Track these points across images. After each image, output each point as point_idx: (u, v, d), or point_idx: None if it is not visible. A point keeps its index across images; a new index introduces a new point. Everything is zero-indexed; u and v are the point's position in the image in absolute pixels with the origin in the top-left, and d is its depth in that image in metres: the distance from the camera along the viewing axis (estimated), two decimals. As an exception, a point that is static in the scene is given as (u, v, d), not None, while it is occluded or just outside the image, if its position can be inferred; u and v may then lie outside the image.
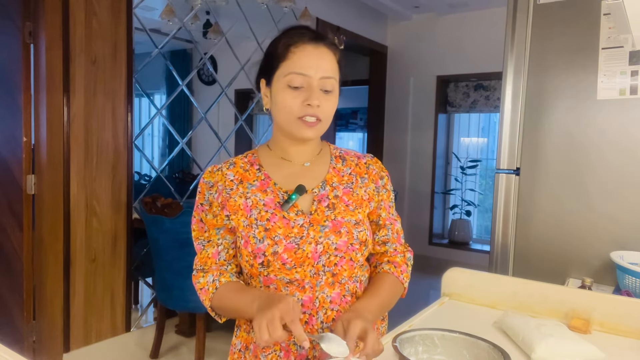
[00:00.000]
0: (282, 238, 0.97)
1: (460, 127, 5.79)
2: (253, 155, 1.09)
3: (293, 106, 0.97)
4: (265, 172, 1.05)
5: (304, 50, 0.98)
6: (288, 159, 1.06)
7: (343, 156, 1.12)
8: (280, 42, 1.00)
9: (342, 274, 1.01)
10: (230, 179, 1.03)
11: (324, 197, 1.03)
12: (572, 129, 1.72)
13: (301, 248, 0.97)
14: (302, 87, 0.97)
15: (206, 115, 3.61)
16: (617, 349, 0.99)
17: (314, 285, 0.98)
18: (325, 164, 1.09)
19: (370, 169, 1.11)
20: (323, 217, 1.00)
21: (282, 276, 0.97)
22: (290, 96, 0.97)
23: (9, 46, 2.49)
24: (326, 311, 0.99)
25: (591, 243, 1.68)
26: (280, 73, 0.98)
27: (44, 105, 2.46)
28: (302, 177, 1.04)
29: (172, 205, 2.71)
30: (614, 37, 1.62)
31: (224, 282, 0.99)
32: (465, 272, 1.27)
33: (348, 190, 1.06)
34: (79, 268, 2.67)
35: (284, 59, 0.98)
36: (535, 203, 1.79)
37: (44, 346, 2.54)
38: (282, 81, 0.98)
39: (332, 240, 0.99)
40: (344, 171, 1.09)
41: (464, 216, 5.51)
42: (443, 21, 5.28)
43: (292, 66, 0.97)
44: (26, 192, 2.49)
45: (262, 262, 0.96)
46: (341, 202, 1.04)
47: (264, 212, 0.99)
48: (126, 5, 2.78)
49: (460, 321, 1.04)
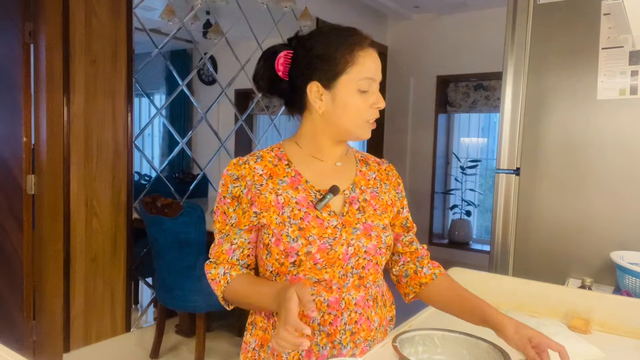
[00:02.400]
0: (316, 238, 0.96)
1: (460, 127, 5.79)
2: (279, 149, 1.07)
3: (364, 110, 0.99)
4: (295, 168, 1.03)
5: (371, 55, 1.00)
6: (320, 158, 1.06)
7: (366, 160, 1.14)
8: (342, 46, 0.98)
9: (368, 277, 1.02)
10: (259, 173, 1.01)
11: (354, 199, 1.04)
12: (572, 129, 1.72)
13: (334, 249, 0.97)
14: (369, 91, 0.99)
15: (206, 115, 3.61)
16: (617, 349, 0.99)
17: (341, 286, 0.99)
18: (353, 166, 1.10)
19: (390, 175, 1.14)
20: (354, 220, 1.01)
21: (311, 276, 0.97)
22: (361, 100, 0.99)
23: (9, 46, 2.49)
24: (350, 313, 1.00)
25: (591, 243, 1.68)
26: (350, 77, 0.98)
27: (44, 105, 2.46)
28: (333, 177, 1.05)
29: (172, 205, 2.71)
30: (614, 37, 1.62)
31: (235, 276, 1.00)
32: (465, 272, 1.27)
33: (374, 195, 1.08)
34: (79, 268, 2.67)
35: (352, 63, 0.98)
36: (535, 203, 1.79)
37: (44, 346, 2.54)
38: (352, 86, 0.98)
39: (362, 243, 1.00)
40: (369, 175, 1.11)
41: (464, 216, 5.51)
42: (443, 21, 5.28)
43: (363, 71, 0.98)
44: (26, 192, 2.49)
45: (294, 262, 0.96)
46: (370, 205, 1.05)
47: (297, 210, 0.98)
48: (126, 5, 2.78)
49: (460, 321, 1.04)
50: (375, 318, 1.04)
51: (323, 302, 0.98)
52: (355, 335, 1.00)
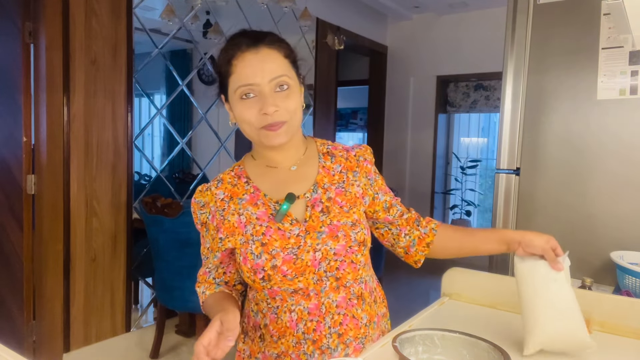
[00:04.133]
0: (279, 251, 0.95)
1: (460, 127, 5.79)
2: (239, 167, 1.07)
3: (251, 118, 0.95)
4: (254, 184, 1.03)
5: (244, 59, 0.95)
6: (273, 166, 1.04)
7: (331, 152, 1.08)
8: (221, 59, 0.98)
9: (345, 277, 0.99)
10: (220, 198, 1.02)
11: (316, 201, 1.00)
12: (572, 129, 1.72)
13: (299, 258, 0.95)
14: (255, 97, 0.95)
15: (206, 115, 3.61)
16: (617, 349, 0.99)
17: (318, 291, 0.97)
18: (313, 165, 1.05)
19: (360, 161, 1.07)
20: (319, 223, 0.98)
21: (286, 287, 0.96)
22: (246, 108, 0.95)
23: (9, 46, 2.49)
24: (333, 316, 0.98)
25: (591, 243, 1.68)
26: (231, 89, 0.97)
27: (44, 106, 2.46)
28: (291, 183, 1.02)
29: (172, 205, 2.71)
30: (614, 37, 1.62)
31: (208, 295, 1.06)
32: (465, 272, 1.27)
33: (340, 190, 1.03)
34: (79, 268, 2.67)
35: (230, 74, 0.96)
36: (535, 203, 1.79)
37: (44, 346, 2.54)
38: (234, 96, 0.96)
39: (330, 245, 0.97)
40: (334, 169, 1.05)
41: (464, 216, 5.51)
42: (443, 21, 5.28)
43: (237, 80, 0.95)
44: (26, 192, 2.49)
45: (262, 277, 0.95)
46: (335, 204, 1.01)
47: (258, 226, 0.98)
48: (126, 5, 2.78)
49: (460, 321, 1.04)
50: (362, 315, 1.02)
51: (303, 310, 0.97)
52: (343, 336, 0.99)
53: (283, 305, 0.98)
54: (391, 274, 4.31)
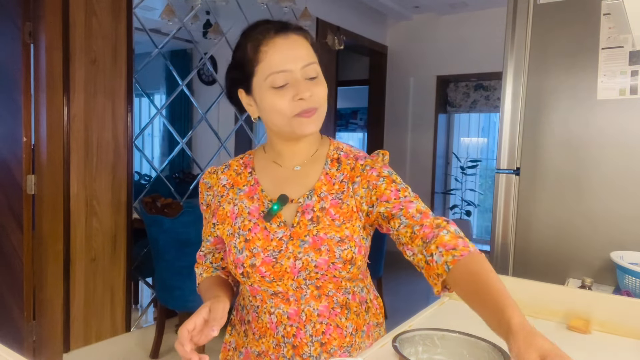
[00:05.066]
0: (260, 251, 0.93)
1: (460, 127, 5.79)
2: (249, 156, 1.05)
3: (284, 106, 0.90)
4: (256, 176, 1.01)
5: (275, 45, 0.90)
6: (279, 163, 1.01)
7: (340, 159, 1.00)
8: (245, 47, 0.93)
9: (327, 286, 0.94)
10: (222, 184, 1.02)
11: (308, 208, 0.95)
12: (572, 129, 1.72)
13: (279, 262, 0.92)
14: (288, 84, 0.90)
15: (206, 115, 3.61)
16: (617, 349, 0.99)
17: (298, 298, 0.94)
18: (317, 169, 0.99)
19: (366, 170, 0.96)
20: (304, 231, 0.93)
21: (265, 287, 0.94)
22: (278, 96, 0.90)
23: (9, 46, 2.49)
24: (314, 324, 0.95)
25: (591, 243, 1.68)
26: (259, 77, 0.91)
27: (44, 105, 2.46)
28: (290, 184, 0.98)
29: (172, 205, 2.71)
30: (614, 37, 1.62)
31: (204, 277, 1.08)
32: (465, 272, 1.26)
33: (336, 202, 0.95)
34: (79, 268, 2.67)
35: (258, 61, 0.91)
36: (535, 203, 1.79)
37: (44, 346, 2.54)
38: (264, 85, 0.91)
39: (311, 257, 0.91)
40: (336, 178, 0.98)
41: (464, 216, 5.51)
42: (443, 21, 5.28)
43: (269, 67, 0.90)
44: (26, 192, 2.49)
45: (242, 273, 0.94)
46: (327, 215, 0.94)
47: (247, 221, 0.96)
48: (126, 5, 2.78)
49: (460, 321, 1.04)
50: (347, 324, 0.97)
51: (282, 314, 0.95)
52: (327, 346, 0.96)
53: (263, 306, 0.97)
54: (391, 274, 4.31)
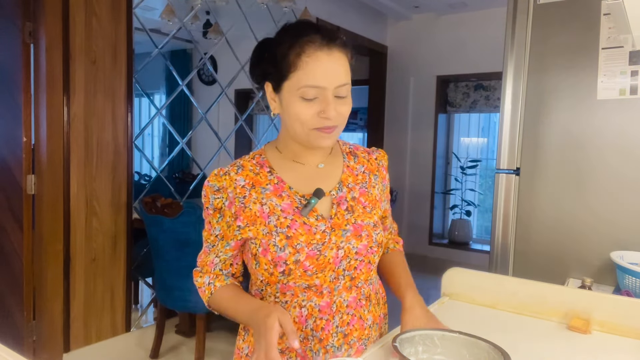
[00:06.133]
0: (304, 246, 0.94)
1: (460, 127, 5.79)
2: (261, 156, 1.03)
3: (307, 118, 0.91)
4: (278, 175, 1.00)
5: (317, 59, 0.90)
6: (300, 162, 1.02)
7: (354, 152, 1.10)
8: (288, 49, 0.92)
9: (359, 277, 1.00)
10: (241, 184, 0.98)
11: (342, 199, 1.01)
12: (572, 129, 1.72)
13: (323, 254, 0.95)
14: (317, 98, 0.91)
15: (206, 115, 3.61)
16: (617, 349, 0.99)
17: (332, 289, 0.97)
18: (338, 164, 1.06)
19: (380, 166, 1.11)
20: (344, 221, 0.99)
21: (302, 282, 0.95)
22: (305, 107, 0.91)
23: (9, 46, 2.49)
24: (342, 315, 0.99)
25: (591, 243, 1.68)
26: (292, 84, 0.91)
27: (44, 105, 2.46)
28: (317, 180, 1.01)
29: (172, 205, 2.71)
30: (614, 37, 1.62)
31: (219, 287, 1.02)
32: (465, 272, 1.27)
33: (364, 191, 1.05)
34: (79, 268, 2.67)
35: (295, 68, 0.90)
36: (535, 203, 1.79)
37: (44, 346, 2.54)
38: (295, 93, 0.91)
39: (353, 244, 0.97)
40: (357, 169, 1.07)
41: (464, 216, 5.51)
42: (443, 21, 5.27)
43: (305, 78, 0.90)
44: (26, 192, 2.49)
45: (283, 271, 0.94)
46: (359, 203, 1.02)
47: (282, 218, 0.95)
48: (126, 5, 2.78)
49: (460, 321, 1.04)
50: (368, 317, 1.03)
51: (314, 307, 0.97)
52: (348, 337, 0.99)
53: (293, 301, 0.97)
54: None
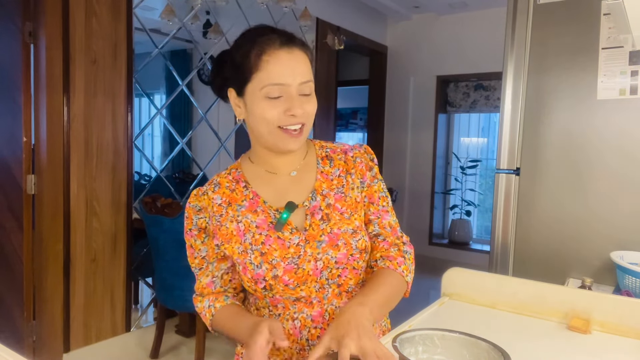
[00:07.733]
0: (279, 260, 0.93)
1: (460, 127, 5.79)
2: (237, 170, 1.03)
3: (273, 116, 0.91)
4: (253, 189, 1.00)
5: (278, 58, 0.91)
6: (273, 172, 1.01)
7: (330, 155, 1.05)
8: (248, 52, 0.92)
9: (347, 283, 0.99)
10: (217, 203, 0.99)
11: (316, 209, 0.98)
12: (572, 129, 1.72)
13: (301, 267, 0.94)
14: (281, 97, 0.91)
15: (206, 115, 3.61)
16: (617, 349, 0.99)
17: (321, 299, 0.97)
18: (312, 171, 1.02)
19: (357, 163, 1.03)
20: (319, 232, 0.96)
21: (288, 295, 0.95)
22: (270, 107, 0.91)
23: (9, 46, 2.49)
24: None
25: (591, 243, 1.68)
26: (255, 85, 0.91)
27: (44, 105, 2.46)
28: (290, 190, 1.00)
29: (172, 205, 2.71)
30: (614, 37, 1.62)
31: (219, 308, 1.01)
32: (465, 272, 1.27)
33: (340, 196, 1.00)
34: (79, 268, 2.67)
35: (257, 69, 0.91)
36: (535, 203, 1.79)
37: (44, 346, 2.54)
38: (259, 94, 0.91)
39: (330, 255, 0.95)
40: (332, 174, 1.02)
41: (464, 216, 5.51)
42: (443, 21, 5.28)
43: (267, 77, 0.90)
44: (26, 192, 2.49)
45: (264, 287, 0.94)
46: (335, 210, 0.99)
47: (257, 235, 0.96)
48: (126, 5, 2.78)
49: (460, 321, 1.04)
50: None
51: (306, 317, 0.96)
52: None
53: (285, 313, 0.97)
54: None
